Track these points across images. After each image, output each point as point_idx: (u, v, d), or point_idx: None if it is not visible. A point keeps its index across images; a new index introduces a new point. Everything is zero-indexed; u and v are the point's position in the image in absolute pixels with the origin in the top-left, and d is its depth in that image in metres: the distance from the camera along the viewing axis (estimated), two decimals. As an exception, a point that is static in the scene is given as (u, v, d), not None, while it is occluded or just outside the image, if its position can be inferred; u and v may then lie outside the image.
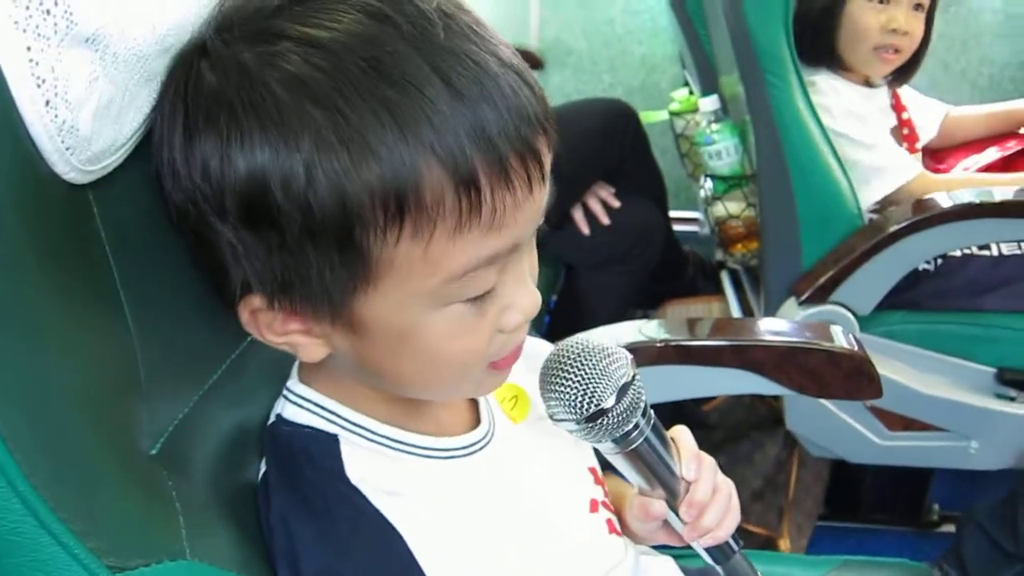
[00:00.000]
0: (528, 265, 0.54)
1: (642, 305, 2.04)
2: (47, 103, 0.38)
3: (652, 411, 0.57)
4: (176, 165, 0.48)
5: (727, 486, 0.64)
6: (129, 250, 0.50)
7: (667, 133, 2.08)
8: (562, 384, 0.54)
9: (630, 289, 1.87)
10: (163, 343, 0.52)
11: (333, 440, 0.56)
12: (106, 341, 0.47)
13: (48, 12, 0.37)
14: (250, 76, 0.46)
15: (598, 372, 0.54)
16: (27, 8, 0.36)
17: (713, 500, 0.62)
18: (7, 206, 0.39)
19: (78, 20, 0.39)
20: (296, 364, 0.60)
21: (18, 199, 0.39)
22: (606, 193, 1.84)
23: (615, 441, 0.56)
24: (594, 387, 0.54)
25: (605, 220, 1.81)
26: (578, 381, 0.54)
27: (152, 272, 0.52)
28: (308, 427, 0.57)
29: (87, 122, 0.42)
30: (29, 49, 0.36)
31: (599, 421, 0.54)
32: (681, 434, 0.64)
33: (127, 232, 0.50)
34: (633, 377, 0.55)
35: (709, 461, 0.63)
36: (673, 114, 1.97)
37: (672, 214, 2.09)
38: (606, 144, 1.79)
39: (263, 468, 0.57)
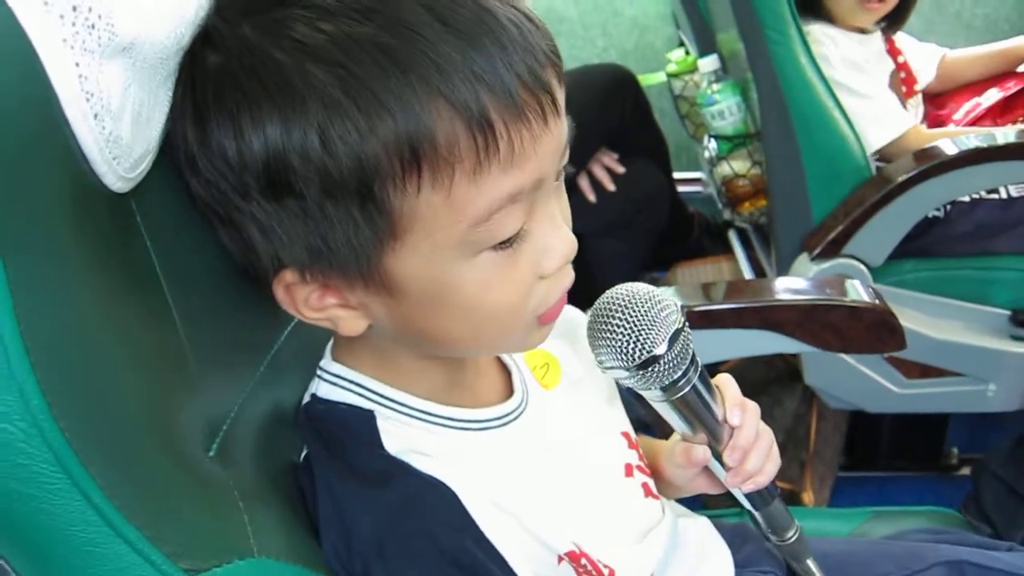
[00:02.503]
0: (559, 209, 0.54)
1: (651, 268, 2.04)
2: (95, 116, 0.38)
3: (699, 359, 0.57)
4: (193, 154, 0.48)
5: (768, 433, 0.64)
6: (170, 252, 0.50)
7: (665, 95, 2.07)
8: (613, 332, 0.54)
9: (639, 253, 1.87)
10: (210, 342, 0.53)
11: (369, 415, 0.56)
12: (159, 346, 0.47)
13: (93, 27, 0.37)
14: (251, 47, 0.46)
15: (650, 319, 0.54)
16: (73, 25, 0.36)
17: (756, 445, 0.62)
18: (63, 220, 0.39)
19: (118, 31, 0.39)
20: (329, 344, 0.60)
21: (72, 213, 0.40)
22: (610, 159, 1.84)
23: (663, 389, 0.56)
24: (646, 334, 0.53)
25: (611, 186, 1.81)
26: (630, 328, 0.54)
27: (193, 271, 0.52)
28: (343, 403, 0.57)
29: (127, 130, 0.42)
30: (78, 65, 0.36)
31: (651, 368, 0.54)
32: (725, 381, 0.64)
33: (167, 234, 0.50)
34: (683, 324, 0.55)
35: (753, 407, 0.63)
36: (671, 75, 1.96)
37: (675, 176, 2.09)
38: (607, 110, 1.78)
39: (304, 450, 0.58)
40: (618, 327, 0.54)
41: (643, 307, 0.54)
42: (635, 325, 0.54)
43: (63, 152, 0.39)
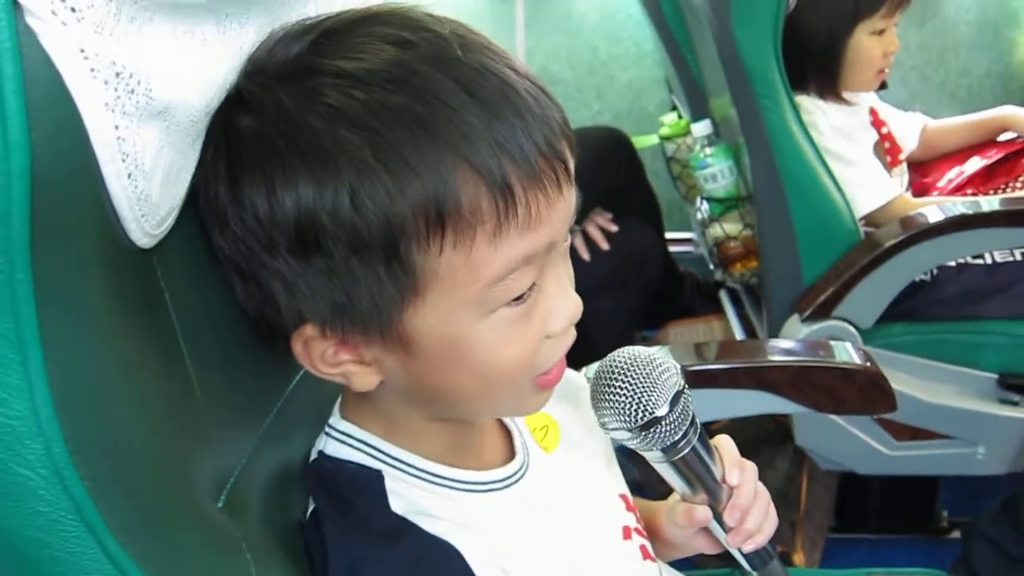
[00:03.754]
0: (565, 272, 0.56)
1: (642, 327, 2.06)
2: (129, 176, 0.40)
3: (698, 420, 0.59)
4: (224, 211, 0.50)
5: (765, 492, 0.66)
6: (186, 304, 0.51)
7: (658, 156, 2.12)
8: (615, 394, 0.56)
9: (631, 311, 1.89)
10: (221, 395, 0.54)
11: (378, 476, 0.57)
12: (175, 397, 0.48)
13: (132, 91, 0.39)
14: (288, 113, 0.48)
15: (651, 381, 0.55)
16: (115, 90, 0.38)
17: (754, 504, 0.64)
18: (93, 275, 0.41)
19: (155, 96, 0.40)
20: (338, 402, 0.61)
21: (101, 268, 0.41)
22: (603, 219, 1.87)
23: (664, 450, 0.58)
24: (648, 396, 0.55)
25: (604, 245, 1.84)
26: (632, 390, 0.55)
27: (207, 324, 0.54)
28: (352, 462, 0.58)
29: (157, 189, 0.44)
30: (117, 128, 0.38)
31: (652, 430, 0.56)
32: (723, 441, 0.65)
33: (183, 287, 0.51)
34: (684, 386, 0.57)
35: (751, 467, 0.65)
36: (664, 138, 2.00)
37: (667, 235, 2.12)
38: (602, 171, 1.82)
39: (311, 505, 0.58)
40: (620, 389, 0.56)
41: (644, 370, 0.56)
42: (637, 387, 0.55)
43: (96, 209, 0.41)
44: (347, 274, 0.49)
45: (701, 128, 1.66)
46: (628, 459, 0.74)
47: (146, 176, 0.42)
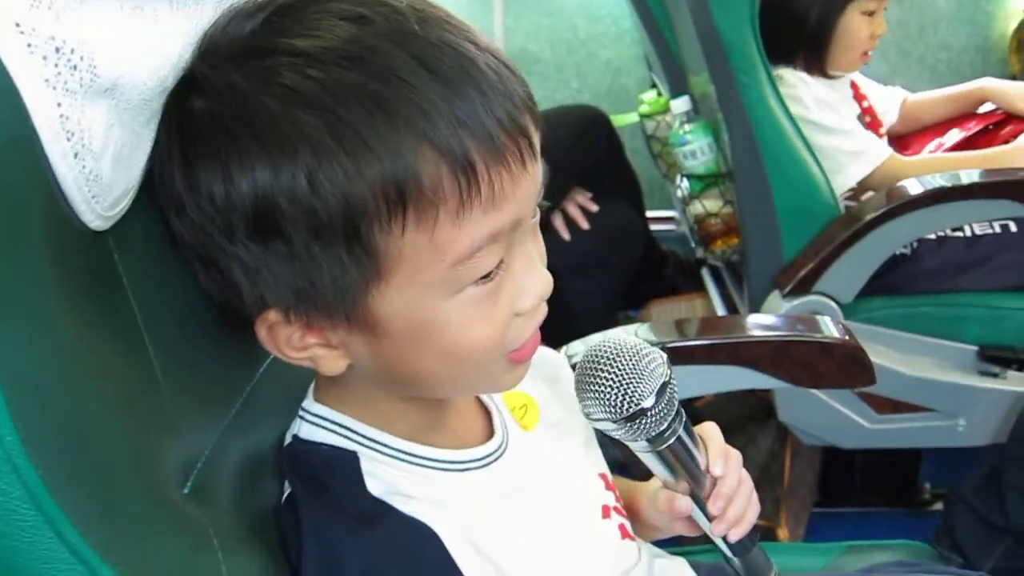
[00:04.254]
0: (535, 249, 0.55)
1: (625, 306, 2.06)
2: (75, 155, 0.39)
3: (683, 410, 0.58)
4: (180, 197, 0.49)
5: (748, 480, 0.65)
6: (147, 289, 0.50)
7: (638, 135, 2.11)
8: (601, 385, 0.55)
9: (613, 291, 1.89)
10: (185, 379, 0.53)
11: (353, 457, 0.56)
12: (135, 382, 0.48)
13: (75, 67, 0.37)
14: (242, 95, 0.47)
15: (638, 372, 0.55)
16: (56, 65, 0.37)
17: (738, 493, 0.63)
18: (43, 258, 0.40)
19: (100, 73, 0.39)
20: (312, 385, 0.60)
21: (51, 250, 0.40)
22: (583, 198, 1.86)
23: (649, 440, 0.57)
24: (634, 387, 0.54)
25: (584, 224, 1.83)
26: (617, 382, 0.54)
27: (169, 309, 0.53)
28: (326, 444, 0.57)
29: (108, 169, 0.42)
30: (59, 105, 0.37)
31: (638, 421, 0.55)
32: (708, 430, 0.65)
33: (143, 271, 0.50)
34: (670, 376, 0.56)
35: (736, 456, 0.64)
36: (643, 116, 1.99)
37: (648, 214, 2.11)
38: (581, 150, 1.81)
39: (287, 489, 0.58)
40: (606, 380, 0.55)
41: (630, 360, 0.55)
42: (623, 378, 0.54)
43: (44, 190, 0.39)
44: (308, 258, 0.48)
45: (680, 105, 1.65)
46: (610, 440, 0.74)
47: (95, 156, 0.41)
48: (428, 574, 0.53)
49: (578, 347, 0.97)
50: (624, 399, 0.54)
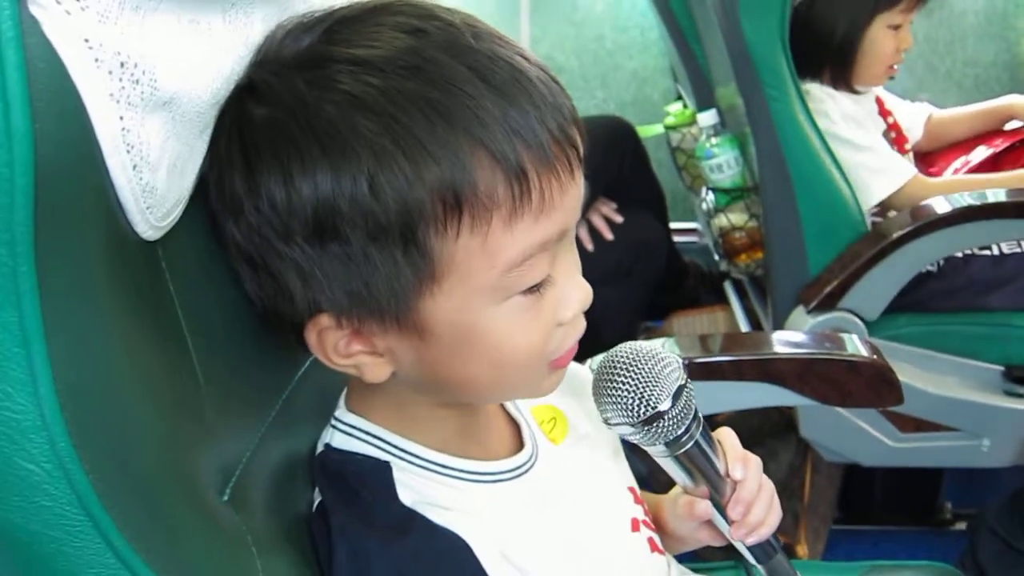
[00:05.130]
0: (574, 260, 0.56)
1: (647, 317, 2.05)
2: (134, 167, 0.40)
3: (701, 415, 0.58)
4: (239, 201, 0.50)
5: (769, 485, 0.65)
6: (192, 298, 0.51)
7: (662, 146, 2.11)
8: (618, 389, 0.56)
9: (636, 302, 1.89)
10: (226, 388, 0.53)
11: (385, 467, 0.57)
12: (180, 391, 0.48)
13: (137, 82, 0.38)
14: (304, 101, 0.48)
15: (653, 376, 0.55)
16: (120, 80, 0.37)
17: (758, 497, 0.63)
18: (98, 267, 0.40)
19: (160, 86, 0.40)
20: (343, 394, 0.61)
21: (106, 260, 0.41)
22: (608, 208, 1.86)
23: (667, 444, 0.57)
24: (651, 391, 0.55)
25: (609, 235, 1.84)
26: (634, 385, 0.55)
27: (212, 317, 0.53)
28: (359, 454, 0.58)
29: (163, 181, 0.43)
30: (122, 119, 0.38)
31: (655, 424, 0.56)
32: (726, 435, 0.65)
33: (188, 279, 0.51)
34: (686, 380, 0.57)
35: (755, 460, 0.65)
36: (668, 128, 1.99)
37: (671, 226, 2.11)
38: (607, 160, 1.81)
39: (317, 497, 0.58)
40: (623, 384, 0.55)
41: (646, 365, 0.56)
42: (639, 382, 0.55)
43: (100, 200, 0.40)
44: (364, 260, 0.49)
45: (707, 118, 1.65)
46: (632, 452, 0.74)
47: (151, 168, 0.41)
48: None
49: (602, 360, 0.97)
50: (641, 403, 0.55)
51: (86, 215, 0.39)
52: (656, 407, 0.55)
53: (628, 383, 0.55)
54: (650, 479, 0.74)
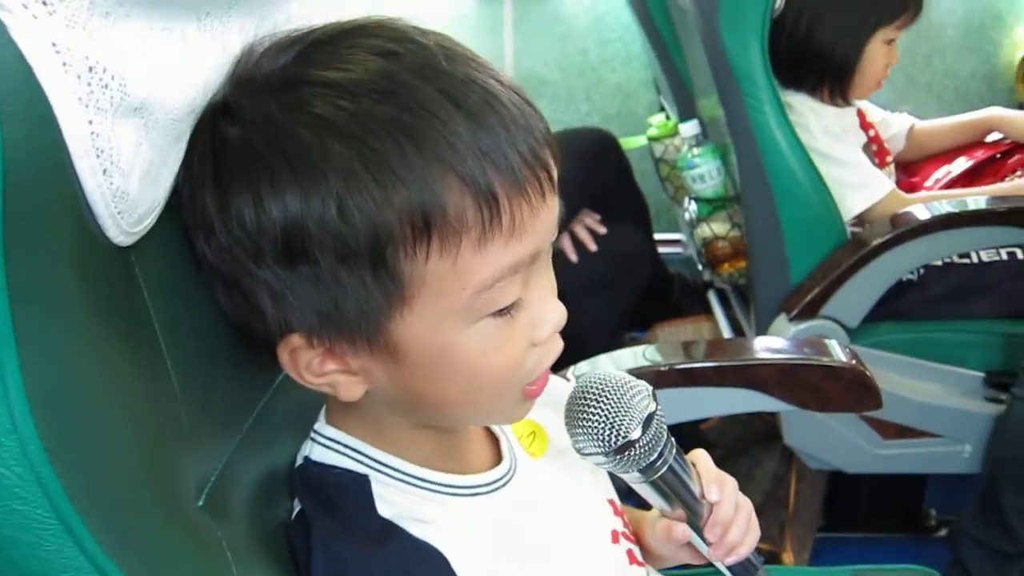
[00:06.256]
0: (549, 280, 0.56)
1: (630, 328, 2.06)
2: (104, 172, 0.40)
3: (673, 439, 0.59)
4: (210, 220, 0.50)
5: (747, 504, 0.66)
6: (167, 305, 0.51)
7: (646, 158, 2.12)
8: (588, 419, 0.56)
9: (620, 313, 1.89)
10: (202, 394, 0.53)
11: (364, 480, 0.57)
12: (154, 395, 0.48)
13: (106, 87, 0.38)
14: (275, 124, 0.48)
15: (623, 405, 0.56)
16: (88, 84, 0.38)
17: (735, 518, 0.64)
18: (69, 272, 0.40)
19: (130, 92, 0.40)
20: (324, 408, 0.61)
21: (78, 265, 0.41)
22: (592, 220, 1.87)
23: (641, 471, 0.58)
24: (620, 420, 0.56)
25: (592, 246, 1.84)
26: (604, 415, 0.56)
27: (187, 324, 0.53)
28: (338, 467, 0.58)
29: (135, 186, 0.43)
30: (91, 123, 0.38)
31: (627, 453, 0.56)
32: (700, 457, 0.66)
33: (164, 288, 0.51)
34: (657, 408, 0.57)
35: (731, 481, 0.65)
36: (652, 139, 2.00)
37: (655, 236, 2.12)
38: (590, 172, 1.82)
39: (296, 507, 0.58)
40: (593, 415, 0.56)
41: (616, 394, 0.56)
42: (609, 412, 0.56)
43: (70, 205, 0.40)
44: (334, 282, 0.49)
45: (689, 128, 1.66)
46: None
47: (123, 173, 0.41)
48: None
49: (584, 367, 0.97)
50: (612, 432, 0.56)
51: (56, 220, 0.39)
52: (627, 436, 0.56)
53: (598, 414, 0.56)
54: (632, 492, 0.75)
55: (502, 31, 2.44)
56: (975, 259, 1.52)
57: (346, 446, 0.58)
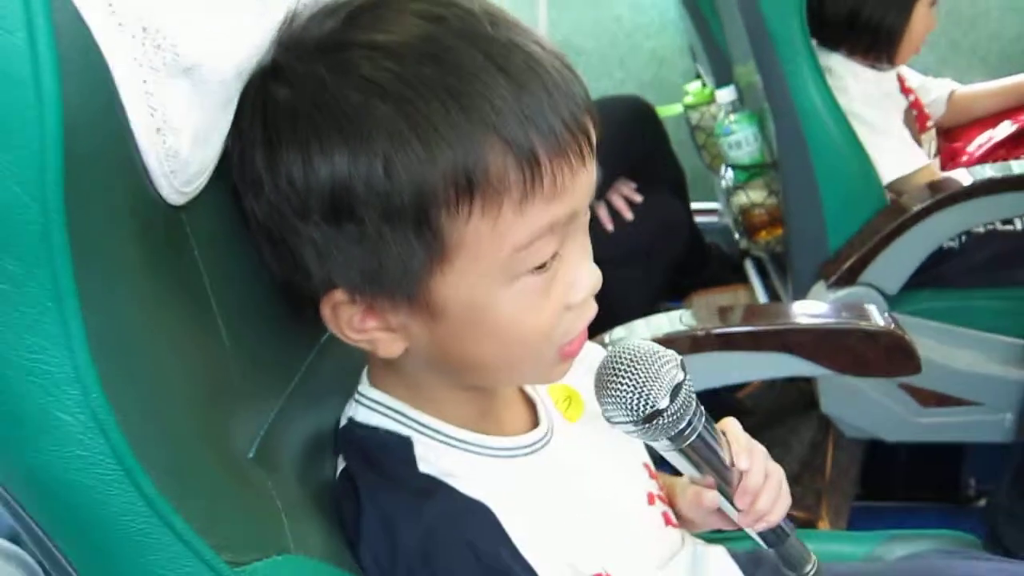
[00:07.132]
0: (586, 245, 0.57)
1: (668, 298, 2.05)
2: (157, 130, 0.41)
3: (703, 407, 0.60)
4: (259, 178, 0.52)
5: (777, 472, 0.66)
6: (217, 263, 0.52)
7: (682, 126, 2.10)
8: (617, 388, 0.57)
9: (656, 282, 1.89)
10: (251, 349, 0.55)
11: (407, 441, 0.59)
12: (205, 349, 0.50)
13: (159, 47, 0.40)
14: (324, 85, 0.50)
15: (651, 375, 0.56)
16: (143, 44, 0.39)
17: (765, 486, 0.64)
18: (126, 228, 0.42)
19: (180, 53, 0.42)
20: (366, 369, 0.63)
21: (133, 221, 0.42)
22: (628, 189, 1.87)
23: (670, 439, 0.59)
24: (648, 389, 0.56)
25: (628, 215, 1.84)
26: (632, 384, 0.56)
27: (237, 283, 0.55)
28: (382, 429, 0.59)
29: (186, 146, 0.45)
30: (145, 82, 0.39)
31: (655, 421, 0.57)
32: (730, 425, 0.66)
33: (214, 246, 0.53)
34: (684, 377, 0.58)
35: (760, 450, 0.66)
36: (688, 107, 1.99)
37: (692, 206, 2.11)
38: (627, 141, 1.81)
39: (340, 464, 0.60)
40: (622, 384, 0.56)
41: (644, 363, 0.56)
42: (638, 381, 0.56)
43: (125, 164, 0.42)
44: (378, 240, 0.51)
45: (725, 95, 1.65)
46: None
47: (175, 132, 0.43)
48: (484, 544, 0.55)
49: (620, 332, 0.98)
50: (640, 401, 0.56)
51: (113, 176, 0.41)
52: (654, 405, 0.56)
53: (626, 383, 0.56)
54: (665, 460, 0.76)
55: (536, 0, 2.43)
56: (1019, 226, 1.50)
57: (389, 407, 0.60)
